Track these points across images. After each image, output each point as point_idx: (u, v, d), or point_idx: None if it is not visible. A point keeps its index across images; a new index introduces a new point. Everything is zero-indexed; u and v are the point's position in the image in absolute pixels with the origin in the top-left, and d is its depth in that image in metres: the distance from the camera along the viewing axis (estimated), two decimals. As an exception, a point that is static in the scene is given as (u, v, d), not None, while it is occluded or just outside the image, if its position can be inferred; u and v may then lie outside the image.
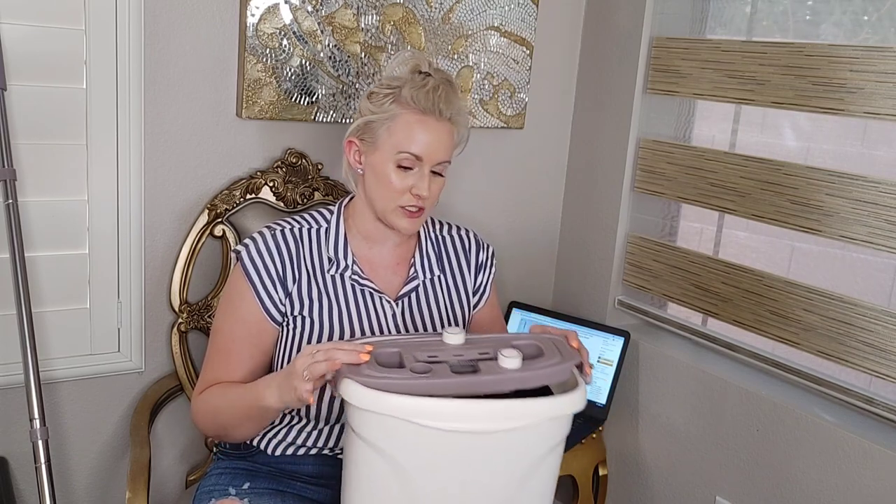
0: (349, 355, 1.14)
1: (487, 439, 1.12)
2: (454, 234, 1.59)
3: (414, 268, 1.51)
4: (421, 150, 1.37)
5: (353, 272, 1.45)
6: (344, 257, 1.46)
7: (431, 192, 1.40)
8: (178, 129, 1.71)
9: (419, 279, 1.50)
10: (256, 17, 1.70)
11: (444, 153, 1.40)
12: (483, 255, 1.59)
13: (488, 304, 1.60)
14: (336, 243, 1.46)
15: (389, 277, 1.49)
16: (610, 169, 2.14)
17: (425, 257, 1.53)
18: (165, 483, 1.86)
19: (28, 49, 1.53)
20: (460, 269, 1.57)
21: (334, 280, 1.45)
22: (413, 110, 1.37)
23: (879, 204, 1.60)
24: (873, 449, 1.59)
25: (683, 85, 1.96)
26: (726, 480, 1.88)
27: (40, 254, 1.61)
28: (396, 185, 1.39)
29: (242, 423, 1.36)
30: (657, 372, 2.04)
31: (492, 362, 1.16)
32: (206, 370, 1.44)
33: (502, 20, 2.03)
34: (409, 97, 1.37)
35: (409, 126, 1.37)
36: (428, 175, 1.39)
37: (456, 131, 1.43)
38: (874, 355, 1.63)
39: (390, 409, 1.08)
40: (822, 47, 1.69)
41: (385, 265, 1.49)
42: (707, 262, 1.96)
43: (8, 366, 1.60)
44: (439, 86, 1.38)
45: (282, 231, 1.45)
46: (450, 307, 1.54)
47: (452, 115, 1.40)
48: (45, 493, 1.45)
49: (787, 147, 2.07)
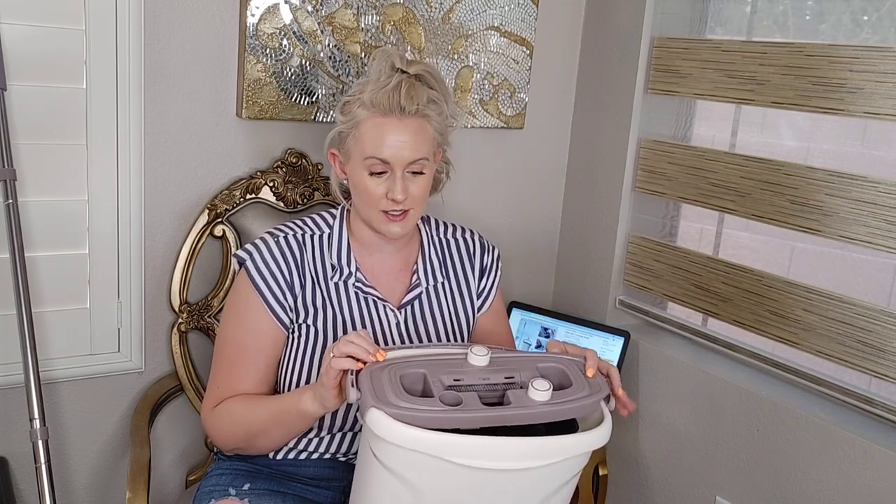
0: (360, 350, 1.14)
1: (514, 473, 1.10)
2: (458, 236, 1.57)
3: (417, 275, 1.49)
4: (387, 154, 1.34)
5: (357, 279, 1.44)
6: (347, 264, 1.45)
7: (411, 193, 1.37)
8: (178, 129, 1.71)
9: (422, 286, 1.49)
10: (256, 17, 1.70)
11: (413, 152, 1.35)
12: (488, 259, 1.57)
13: (493, 309, 1.58)
14: (339, 250, 1.45)
15: (392, 284, 1.48)
16: (610, 169, 2.14)
17: (428, 263, 1.51)
18: (165, 483, 1.86)
19: (28, 49, 1.53)
20: (465, 273, 1.55)
21: (338, 287, 1.44)
22: (374, 113, 1.35)
23: (879, 204, 1.60)
24: (873, 449, 1.59)
25: (684, 85, 1.97)
26: (726, 480, 1.88)
27: (40, 254, 1.61)
28: (372, 192, 1.37)
29: (271, 430, 1.34)
30: (657, 372, 2.04)
31: (521, 392, 1.13)
32: (215, 381, 1.41)
33: (502, 20, 2.03)
34: (370, 100, 1.35)
35: (370, 130, 1.35)
36: (402, 177, 1.36)
37: (429, 123, 1.38)
38: (874, 355, 1.63)
39: (420, 445, 1.05)
40: (822, 47, 1.68)
41: (387, 272, 1.48)
42: (707, 262, 1.96)
43: (8, 366, 1.60)
44: (401, 82, 1.34)
45: (285, 237, 1.43)
46: (454, 314, 1.52)
47: (420, 109, 1.35)
48: (45, 493, 1.45)
49: (786, 147, 2.07)
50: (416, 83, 1.37)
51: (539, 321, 2.18)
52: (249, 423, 1.35)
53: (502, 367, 1.19)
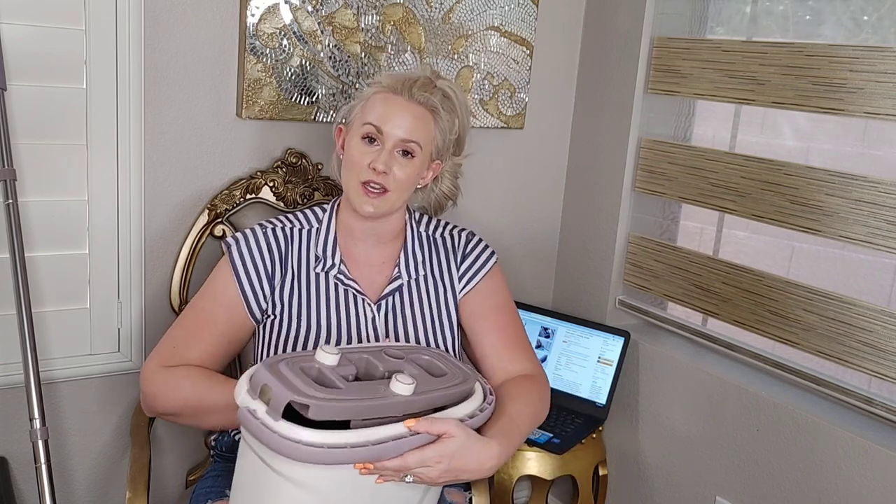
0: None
1: None
2: (447, 233, 1.57)
3: (398, 268, 1.50)
4: (380, 120, 1.40)
5: (340, 271, 1.46)
6: (332, 255, 1.47)
7: (394, 174, 1.40)
8: (178, 129, 1.71)
9: (402, 279, 1.49)
10: (256, 17, 1.70)
11: (408, 132, 1.40)
12: (472, 248, 1.55)
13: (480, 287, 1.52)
14: (325, 241, 1.48)
15: (373, 277, 1.49)
16: (610, 169, 2.14)
17: (411, 257, 1.51)
18: (165, 483, 1.86)
19: (28, 49, 1.53)
20: (448, 268, 1.53)
21: (318, 278, 1.46)
22: (385, 90, 1.44)
23: (879, 204, 1.60)
24: (873, 449, 1.59)
25: (684, 85, 1.97)
26: (726, 480, 1.88)
27: (40, 254, 1.61)
28: (356, 158, 1.41)
29: (217, 415, 1.35)
30: (657, 372, 2.04)
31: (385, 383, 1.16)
32: (171, 338, 1.42)
33: (502, 20, 2.03)
34: (387, 83, 1.44)
35: (377, 102, 1.43)
36: (390, 152, 1.40)
37: (433, 119, 1.44)
38: (874, 355, 1.63)
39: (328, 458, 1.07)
40: (822, 47, 1.69)
41: (370, 263, 1.49)
42: (707, 262, 1.96)
43: (8, 366, 1.60)
44: (419, 78, 1.44)
45: (273, 230, 1.47)
46: (435, 309, 1.50)
47: (427, 101, 1.42)
48: (45, 493, 1.45)
49: (787, 147, 2.07)
50: (436, 87, 1.44)
51: (539, 321, 2.18)
52: (203, 398, 1.35)
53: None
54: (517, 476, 2.00)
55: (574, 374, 2.10)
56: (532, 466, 1.99)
